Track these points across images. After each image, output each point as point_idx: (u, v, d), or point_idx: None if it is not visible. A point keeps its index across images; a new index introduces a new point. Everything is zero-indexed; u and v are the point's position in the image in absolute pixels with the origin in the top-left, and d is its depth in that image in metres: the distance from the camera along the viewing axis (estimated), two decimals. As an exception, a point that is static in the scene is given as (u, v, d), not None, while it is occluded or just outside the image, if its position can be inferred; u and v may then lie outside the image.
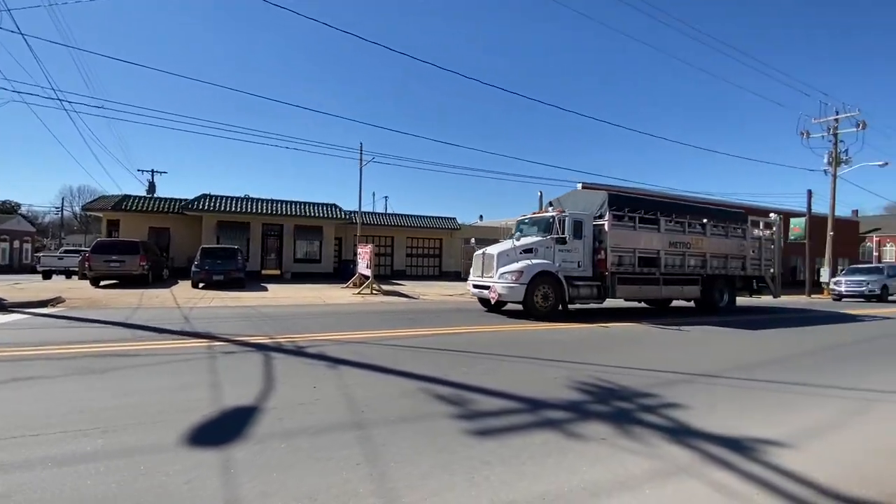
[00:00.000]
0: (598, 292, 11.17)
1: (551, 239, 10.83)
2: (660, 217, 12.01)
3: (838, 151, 24.85)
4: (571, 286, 10.68)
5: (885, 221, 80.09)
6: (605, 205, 11.37)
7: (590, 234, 11.29)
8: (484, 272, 11.12)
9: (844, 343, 8.74)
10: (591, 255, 11.28)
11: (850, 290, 21.14)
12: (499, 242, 12.34)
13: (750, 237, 14.00)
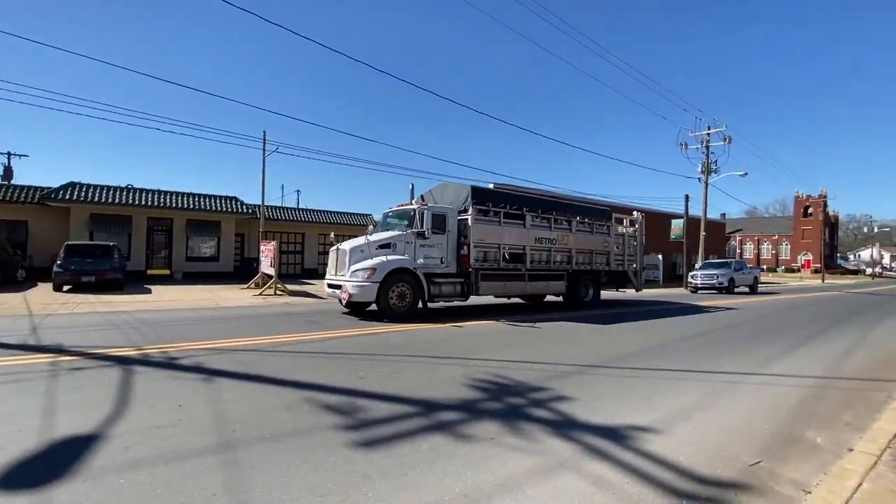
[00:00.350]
0: (462, 289, 10.72)
1: (412, 233, 10.15)
2: (525, 213, 11.88)
3: (710, 161, 28.61)
4: (433, 284, 10.13)
5: (746, 223, 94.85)
6: (468, 199, 10.99)
7: (454, 228, 10.84)
8: (338, 270, 10.24)
9: (702, 332, 9.44)
10: (455, 251, 10.82)
11: (704, 283, 23.04)
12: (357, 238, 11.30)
13: (614, 234, 14.41)
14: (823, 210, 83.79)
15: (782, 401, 4.67)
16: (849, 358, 7.14)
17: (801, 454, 3.39)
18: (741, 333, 9.53)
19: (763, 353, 7.16)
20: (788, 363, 6.55)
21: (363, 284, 9.37)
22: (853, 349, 7.96)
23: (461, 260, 10.83)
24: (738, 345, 8.04)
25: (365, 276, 9.39)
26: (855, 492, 2.73)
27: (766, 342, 8.32)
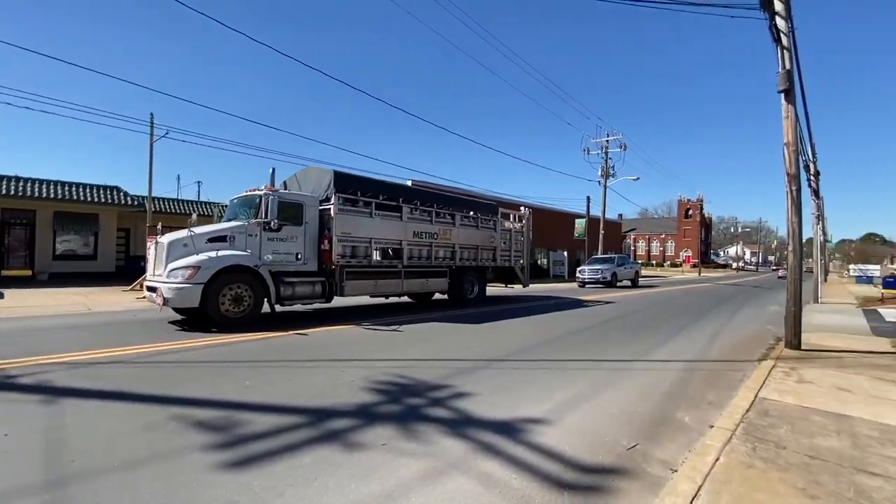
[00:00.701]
0: (324, 290, 9.41)
1: (255, 224, 8.58)
2: (402, 204, 10.90)
3: (608, 166, 31.26)
4: (284, 284, 8.72)
5: (639, 223, 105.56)
6: (331, 185, 9.64)
7: (314, 220, 9.44)
8: (156, 268, 8.32)
9: (593, 325, 9.94)
10: (315, 246, 9.46)
11: (590, 278, 23.91)
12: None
13: (501, 229, 13.94)
14: (700, 212, 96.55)
15: (658, 385, 5.10)
16: (714, 343, 8.11)
17: (671, 434, 3.68)
18: (628, 323, 10.41)
19: (645, 342, 7.86)
20: (666, 350, 7.25)
21: (181, 286, 7.61)
22: (718, 334, 9.08)
23: (322, 256, 9.50)
24: (626, 335, 8.75)
25: (185, 277, 7.66)
26: (713, 466, 3.00)
27: (650, 331, 9.18)
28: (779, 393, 4.79)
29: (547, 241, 36.44)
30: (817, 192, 20.46)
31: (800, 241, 7.51)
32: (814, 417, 4.06)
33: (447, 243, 12.14)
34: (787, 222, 7.60)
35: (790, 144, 7.52)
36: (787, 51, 7.62)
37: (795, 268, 7.54)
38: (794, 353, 7.08)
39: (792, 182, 7.46)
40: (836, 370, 5.94)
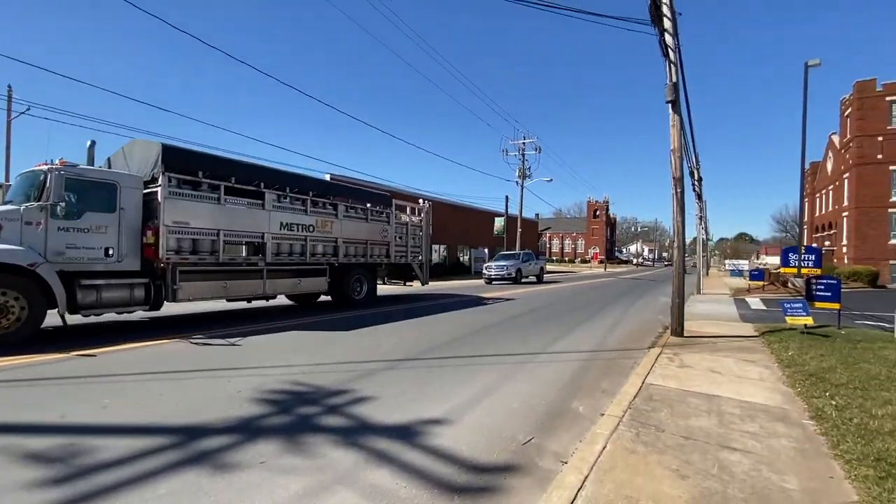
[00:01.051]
0: (147, 294, 7.58)
1: (36, 209, 6.51)
2: (264, 190, 9.25)
3: (525, 168, 32.71)
4: (84, 288, 6.82)
5: (553, 222, 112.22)
6: (158, 162, 7.80)
7: (134, 205, 7.53)
8: None
9: (500, 321, 10.10)
10: (135, 238, 7.55)
11: (497, 274, 23.68)
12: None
13: (395, 222, 12.77)
14: (606, 213, 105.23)
15: (559, 376, 5.28)
16: (612, 333, 8.70)
17: (566, 425, 3.78)
18: (534, 318, 10.86)
19: (550, 335, 8.20)
20: (568, 342, 7.61)
21: None
22: (617, 325, 9.78)
23: (145, 251, 7.63)
24: (532, 328, 9.08)
25: None
26: (600, 455, 3.09)
27: (555, 324, 9.64)
28: (663, 378, 5.19)
29: (470, 238, 37.23)
30: (700, 195, 23.18)
31: (683, 239, 8.31)
32: (690, 399, 4.43)
33: (327, 237, 10.74)
34: (672, 221, 8.36)
35: (676, 151, 8.27)
36: (674, 65, 8.37)
37: (679, 263, 8.32)
38: (678, 339, 7.81)
39: (677, 185, 8.21)
40: (711, 354, 6.64)
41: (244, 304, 10.58)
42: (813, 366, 5.58)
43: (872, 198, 30.01)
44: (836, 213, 35.71)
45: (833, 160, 37.57)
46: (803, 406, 4.21)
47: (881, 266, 28.51)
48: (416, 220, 14.01)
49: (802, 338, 7.51)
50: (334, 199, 11.29)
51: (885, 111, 29.38)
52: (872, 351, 6.41)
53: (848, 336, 7.65)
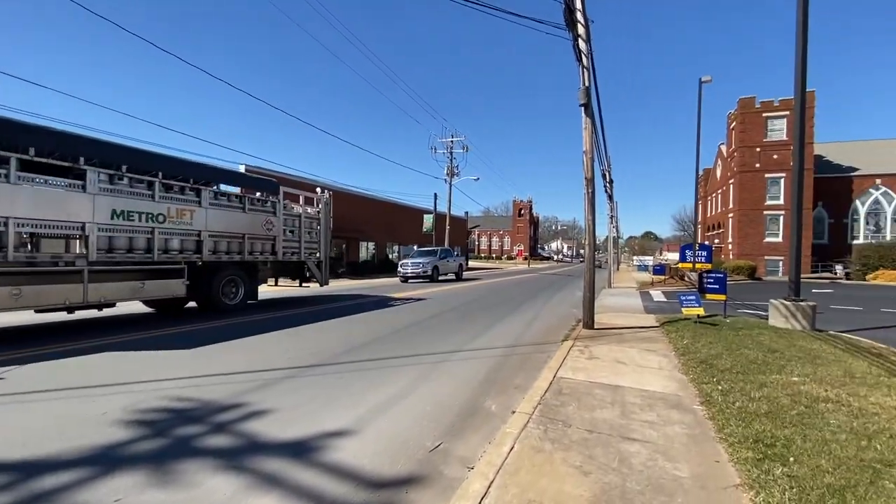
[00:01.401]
0: None
1: None
2: (88, 167, 7.45)
3: (452, 166, 32.98)
4: None
5: (482, 220, 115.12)
6: None
7: None
8: None
9: (416, 322, 10.12)
10: None
11: (412, 272, 22.36)
12: None
13: (284, 214, 11.08)
14: (530, 212, 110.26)
15: (475, 373, 5.21)
16: (530, 327, 8.92)
17: (477, 425, 3.67)
18: (456, 315, 10.88)
19: (470, 333, 8.20)
20: (487, 337, 7.65)
21: None
22: (535, 319, 10.07)
23: None
24: (453, 326, 9.05)
25: None
26: (507, 457, 3.00)
27: (468, 324, 9.69)
28: (573, 371, 5.33)
29: (399, 235, 36.78)
30: (612, 196, 24.96)
31: (594, 236, 8.72)
32: (596, 391, 4.56)
33: (187, 230, 8.93)
34: (584, 220, 8.74)
35: (588, 152, 8.64)
36: (587, 70, 8.73)
37: (590, 259, 8.73)
38: (589, 332, 8.19)
39: (588, 185, 8.59)
40: (618, 345, 7.01)
41: (64, 316, 8.13)
42: (704, 353, 6.07)
43: (752, 201, 34.39)
44: (723, 215, 40.44)
45: (721, 167, 42.50)
46: (695, 392, 4.52)
47: (758, 261, 32.80)
48: (312, 212, 12.36)
49: (695, 327, 8.23)
50: (197, 183, 9.42)
51: (762, 125, 33.81)
52: (751, 337, 7.17)
53: (732, 324, 8.52)
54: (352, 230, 30.71)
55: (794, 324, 8.20)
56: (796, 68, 8.63)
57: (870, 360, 5.70)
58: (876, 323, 9.98)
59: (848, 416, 3.62)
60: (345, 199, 30.51)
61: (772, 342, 6.73)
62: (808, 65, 8.58)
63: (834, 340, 7.10)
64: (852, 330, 8.75)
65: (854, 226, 33.71)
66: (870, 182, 33.05)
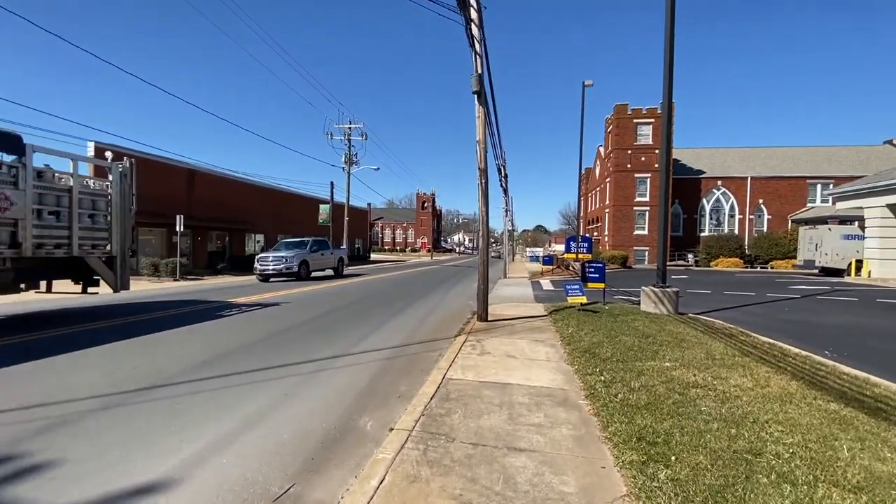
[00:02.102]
0: None
1: None
2: None
3: (351, 154, 31.45)
4: None
5: (386, 212, 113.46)
6: None
7: None
8: None
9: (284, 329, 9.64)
10: None
11: (275, 269, 18.00)
12: None
13: (36, 185, 7.27)
14: (433, 205, 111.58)
15: (355, 382, 4.59)
16: (425, 322, 8.53)
17: (345, 453, 3.06)
18: (341, 316, 10.11)
19: (358, 334, 7.52)
20: (378, 337, 7.05)
21: None
22: (431, 313, 9.72)
23: None
24: (342, 328, 8.29)
25: None
26: (373, 496, 2.44)
27: (367, 321, 9.02)
28: (463, 370, 4.97)
29: (293, 227, 34.14)
30: (507, 190, 25.86)
31: (487, 227, 8.58)
32: (485, 392, 4.23)
33: None
34: (477, 210, 8.55)
35: (481, 142, 8.43)
36: (480, 57, 8.48)
37: (484, 250, 8.58)
38: (483, 325, 8.03)
39: (482, 176, 8.39)
40: (508, 337, 6.90)
41: None
42: (587, 341, 6.18)
43: (624, 198, 38.50)
44: (601, 210, 44.79)
45: (599, 167, 46.97)
46: (580, 385, 4.43)
47: (629, 251, 36.90)
48: (97, 187, 8.78)
49: (579, 315, 8.55)
50: None
51: (633, 130, 37.93)
52: (627, 323, 7.59)
53: (610, 311, 9.04)
54: (237, 221, 27.69)
55: (661, 309, 8.96)
56: (664, 87, 9.36)
57: (725, 341, 6.29)
58: (722, 304, 11.47)
59: (716, 402, 3.74)
60: (227, 186, 27.33)
61: (645, 327, 7.17)
62: (673, 84, 9.36)
63: (694, 323, 7.83)
64: (706, 312, 9.88)
65: (701, 220, 39.69)
66: (713, 183, 39.13)
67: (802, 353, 5.66)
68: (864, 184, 20.22)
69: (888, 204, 18.95)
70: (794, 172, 38.15)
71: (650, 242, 37.73)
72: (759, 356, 5.43)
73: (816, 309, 10.80)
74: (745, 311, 10.36)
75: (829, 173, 37.30)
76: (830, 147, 41.81)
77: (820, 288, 16.12)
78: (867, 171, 34.99)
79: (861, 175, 32.53)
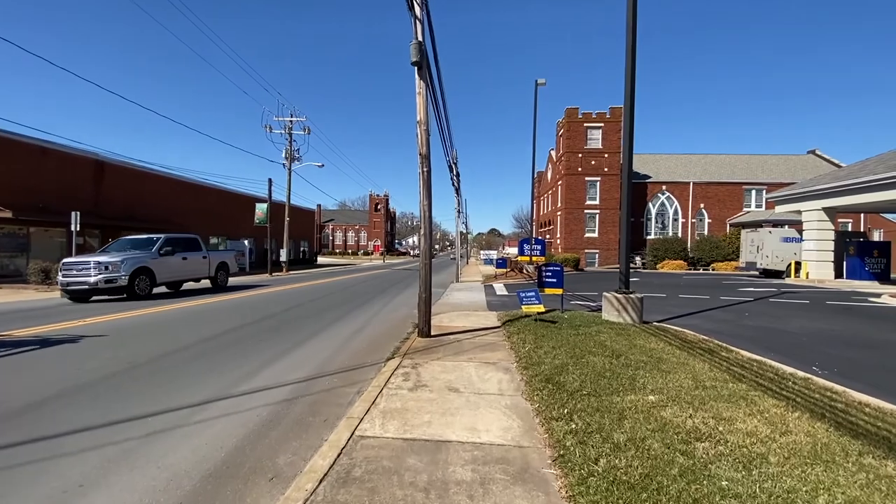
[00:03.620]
0: None
1: None
2: None
3: (292, 149, 29.10)
4: None
5: (337, 214, 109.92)
6: None
7: None
8: None
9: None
10: None
11: (84, 281, 11.53)
12: None
13: None
14: (387, 207, 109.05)
15: (214, 448, 3.06)
16: (351, 342, 7.03)
17: None
18: (228, 341, 8.40)
19: (249, 367, 5.93)
20: (281, 367, 5.48)
21: None
22: (364, 328, 8.22)
23: None
24: (228, 358, 6.63)
25: None
26: None
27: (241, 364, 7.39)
28: (384, 418, 3.57)
29: (227, 227, 31.21)
30: (458, 189, 24.70)
31: (430, 224, 7.22)
32: (409, 461, 2.85)
33: None
34: (419, 205, 7.18)
35: (422, 123, 7.08)
36: (421, 22, 7.13)
37: (426, 252, 7.22)
38: (424, 342, 6.67)
39: (424, 162, 7.04)
40: (454, 358, 5.57)
41: None
42: (548, 364, 4.97)
43: (576, 201, 38.65)
44: (553, 213, 44.91)
45: (551, 170, 47.18)
46: (544, 437, 3.17)
47: (581, 253, 36.99)
48: None
49: (536, 326, 7.40)
50: None
51: (583, 134, 38.17)
52: (591, 337, 6.50)
53: (570, 321, 7.96)
54: (159, 220, 24.63)
55: (625, 317, 8.00)
56: (626, 94, 8.47)
57: (707, 359, 5.30)
58: (683, 308, 10.80)
59: (737, 468, 2.58)
60: (149, 182, 24.27)
61: (613, 342, 6.09)
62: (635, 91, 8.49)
63: (665, 335, 6.88)
64: (669, 319, 9.07)
65: (647, 224, 40.65)
66: (658, 188, 40.21)
67: (799, 375, 4.74)
68: (802, 188, 20.90)
69: (824, 207, 19.62)
70: (732, 178, 39.96)
71: (600, 245, 38.08)
72: (753, 380, 4.44)
73: (776, 313, 10.35)
74: (708, 317, 9.69)
75: (763, 179, 39.38)
76: (762, 155, 44.38)
77: (767, 290, 16.17)
78: (795, 178, 37.24)
79: (790, 182, 34.48)
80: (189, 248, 14.82)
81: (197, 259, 14.99)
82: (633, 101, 8.41)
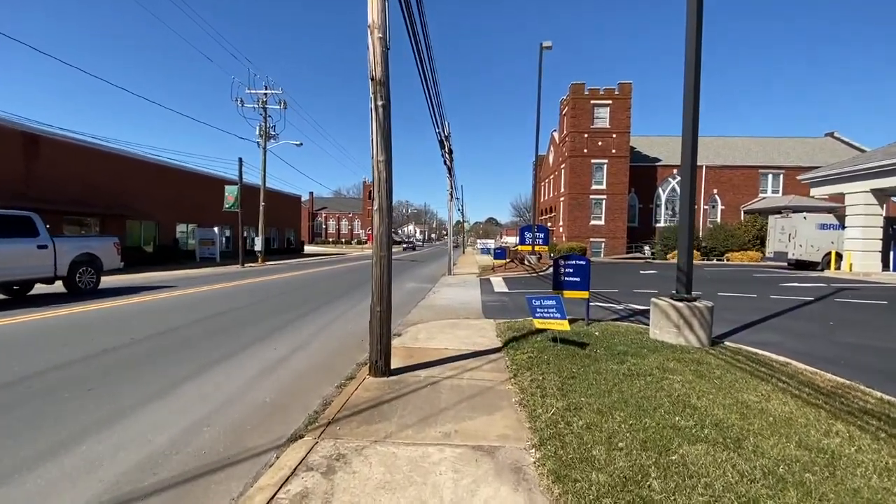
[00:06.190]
0: None
1: None
2: None
3: (268, 126, 26.15)
4: None
5: (331, 202, 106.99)
6: None
7: None
8: None
9: None
10: None
11: None
12: None
13: None
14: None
15: None
16: (263, 380, 4.38)
17: None
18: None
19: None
20: (68, 459, 2.84)
21: None
22: (302, 347, 5.59)
23: None
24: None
25: None
26: None
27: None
28: None
29: (196, 213, 28.35)
30: (451, 169, 21.86)
31: (390, 188, 4.52)
32: None
33: None
34: (371, 160, 4.46)
35: (375, 26, 4.34)
36: None
37: (383, 239, 4.55)
38: (375, 386, 4.04)
39: (379, 91, 4.33)
40: (416, 437, 2.91)
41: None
42: (603, 466, 2.34)
43: (580, 186, 35.87)
44: (555, 199, 42.17)
45: (553, 153, 44.30)
46: None
47: (585, 242, 34.36)
48: None
49: (558, 353, 4.78)
50: None
51: (590, 112, 35.23)
52: (654, 381, 3.87)
53: (608, 343, 5.33)
54: (113, 205, 21.79)
55: (688, 336, 5.36)
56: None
57: (848, 421, 2.67)
58: (742, 317, 8.22)
59: None
60: (100, 161, 21.34)
61: (701, 397, 3.46)
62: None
63: (751, 365, 4.25)
64: (732, 333, 6.49)
65: (657, 210, 37.98)
66: (669, 172, 37.45)
67: None
68: (846, 167, 18.19)
69: (873, 189, 16.96)
70: (747, 162, 37.23)
71: (607, 233, 35.43)
72: None
73: (860, 320, 7.78)
74: (782, 328, 7.09)
75: (780, 164, 36.68)
76: (779, 138, 41.58)
77: (816, 286, 13.58)
78: (814, 162, 34.55)
79: (810, 166, 31.78)
80: (11, 233, 9.31)
81: (26, 249, 9.44)
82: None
